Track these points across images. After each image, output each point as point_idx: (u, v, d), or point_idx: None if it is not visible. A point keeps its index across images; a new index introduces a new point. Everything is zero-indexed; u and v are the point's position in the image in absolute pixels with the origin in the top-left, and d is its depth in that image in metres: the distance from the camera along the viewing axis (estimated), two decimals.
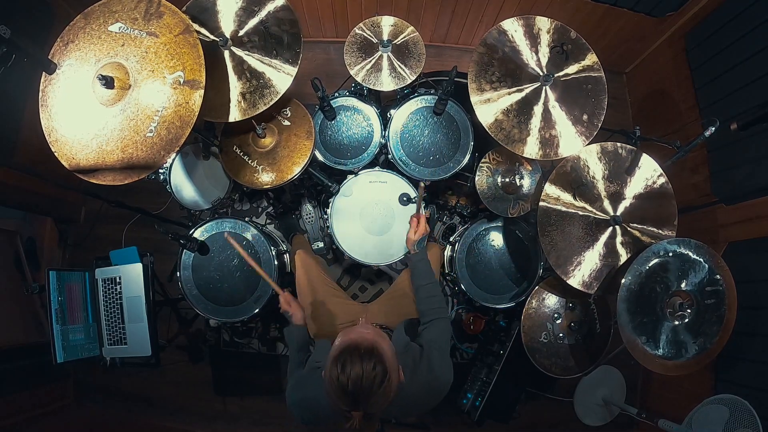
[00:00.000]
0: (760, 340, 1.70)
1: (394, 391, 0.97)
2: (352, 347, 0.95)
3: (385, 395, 0.93)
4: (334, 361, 0.94)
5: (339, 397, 0.92)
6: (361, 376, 0.90)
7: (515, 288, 1.90)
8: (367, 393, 0.90)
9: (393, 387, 0.95)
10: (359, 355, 0.92)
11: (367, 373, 0.90)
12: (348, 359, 0.92)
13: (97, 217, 2.51)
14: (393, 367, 0.96)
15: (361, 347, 0.94)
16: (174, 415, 2.40)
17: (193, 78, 1.20)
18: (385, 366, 0.93)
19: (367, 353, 0.93)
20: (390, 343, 1.01)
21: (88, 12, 1.29)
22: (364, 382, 0.90)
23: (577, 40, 1.56)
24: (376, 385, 0.91)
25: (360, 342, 0.96)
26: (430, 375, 1.17)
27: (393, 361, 0.97)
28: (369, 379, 0.90)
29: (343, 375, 0.90)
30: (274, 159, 1.70)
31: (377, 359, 0.93)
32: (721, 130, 1.33)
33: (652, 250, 1.41)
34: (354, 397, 0.90)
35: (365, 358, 0.92)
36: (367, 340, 0.96)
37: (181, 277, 1.76)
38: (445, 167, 1.83)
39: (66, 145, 1.25)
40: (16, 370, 2.11)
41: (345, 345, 0.96)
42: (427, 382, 1.16)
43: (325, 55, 2.64)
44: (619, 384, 2.21)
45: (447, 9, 2.33)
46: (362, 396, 0.90)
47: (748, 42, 1.79)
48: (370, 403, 0.92)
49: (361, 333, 1.00)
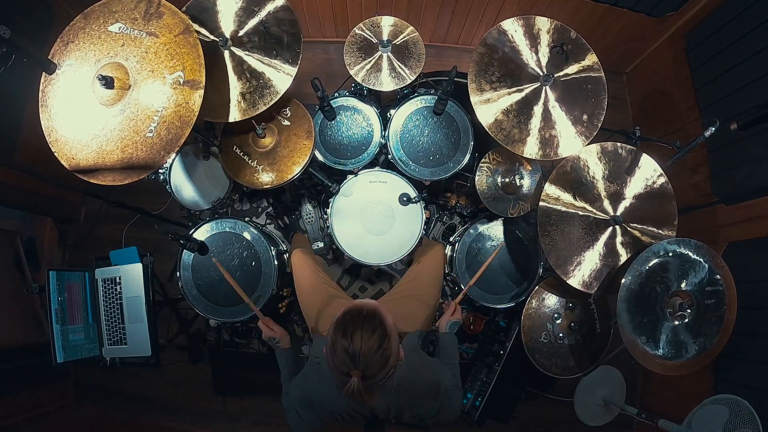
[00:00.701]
0: (760, 340, 1.70)
1: (394, 357, 0.99)
2: (353, 311, 1.00)
3: (383, 357, 0.95)
4: (337, 326, 0.97)
5: (341, 358, 0.94)
6: (362, 336, 0.93)
7: (515, 288, 1.90)
8: (367, 353, 0.93)
9: (393, 351, 0.98)
10: (361, 317, 0.97)
11: (367, 334, 0.94)
12: (350, 322, 0.97)
13: (97, 217, 2.51)
14: (393, 331, 1.00)
15: (363, 310, 0.99)
16: (174, 415, 2.40)
17: (193, 78, 1.20)
18: (386, 329, 0.97)
19: (369, 316, 0.98)
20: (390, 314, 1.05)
21: (88, 12, 1.29)
22: (364, 343, 0.93)
23: (577, 40, 1.56)
24: (376, 346, 0.94)
25: (360, 306, 1.01)
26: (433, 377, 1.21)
27: (393, 326, 1.01)
28: (369, 340, 0.94)
29: (345, 338, 0.94)
30: (274, 159, 1.70)
31: (378, 322, 0.97)
32: (721, 130, 1.33)
33: (652, 250, 1.41)
34: (353, 357, 0.93)
35: (367, 320, 0.97)
36: (368, 305, 1.02)
37: (181, 277, 1.76)
38: (445, 167, 1.83)
39: (66, 145, 1.25)
40: (16, 370, 2.11)
41: (347, 310, 1.01)
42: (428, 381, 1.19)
43: (325, 55, 2.64)
44: (619, 384, 2.20)
45: (447, 9, 2.33)
46: (362, 356, 0.93)
47: (748, 42, 1.79)
48: (370, 363, 0.94)
49: (363, 301, 1.05)
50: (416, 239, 1.79)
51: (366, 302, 1.04)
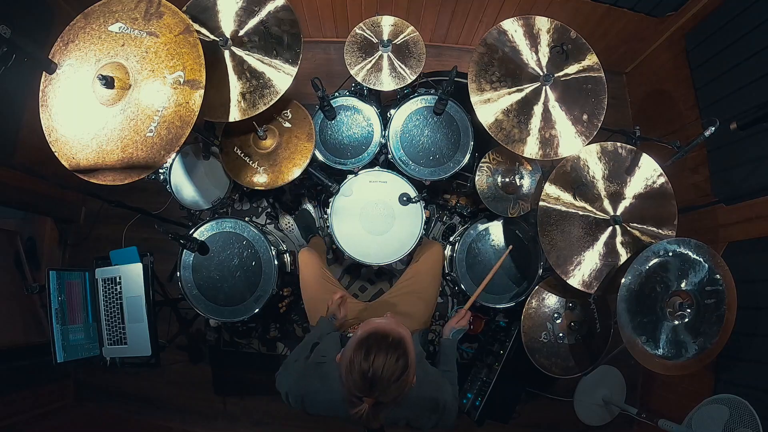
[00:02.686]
0: (760, 340, 1.70)
1: (407, 389, 0.97)
2: (380, 335, 0.96)
3: (399, 389, 0.94)
4: (359, 345, 0.94)
5: (355, 381, 0.92)
6: (384, 365, 0.90)
7: (515, 288, 1.90)
8: (386, 382, 0.91)
9: (408, 384, 0.96)
10: (387, 343, 0.93)
11: (390, 363, 0.91)
12: (374, 345, 0.93)
13: (97, 217, 2.51)
14: (413, 364, 0.97)
15: (390, 336, 0.95)
16: (174, 415, 2.40)
17: (193, 78, 1.20)
18: (408, 361, 0.94)
19: (394, 344, 0.94)
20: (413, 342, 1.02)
21: (88, 12, 1.29)
22: (385, 372, 0.90)
23: (577, 40, 1.56)
24: (395, 377, 0.91)
25: (389, 331, 0.97)
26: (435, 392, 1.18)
27: (414, 360, 0.98)
28: (390, 369, 0.91)
29: (366, 361, 0.91)
30: (274, 160, 1.71)
31: (402, 352, 0.94)
32: (721, 130, 1.33)
33: (652, 249, 1.41)
34: (371, 383, 0.91)
35: (391, 348, 0.93)
36: (396, 332, 0.97)
37: (181, 277, 1.76)
38: (445, 167, 1.83)
39: (66, 145, 1.25)
40: (16, 370, 2.11)
41: (373, 331, 0.97)
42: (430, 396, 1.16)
43: (325, 55, 2.64)
44: (619, 384, 2.21)
45: (447, 9, 2.33)
46: (379, 384, 0.91)
47: (748, 42, 1.79)
48: (386, 392, 0.92)
49: (390, 323, 1.01)
50: (416, 239, 1.79)
51: (393, 327, 0.99)
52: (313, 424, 2.34)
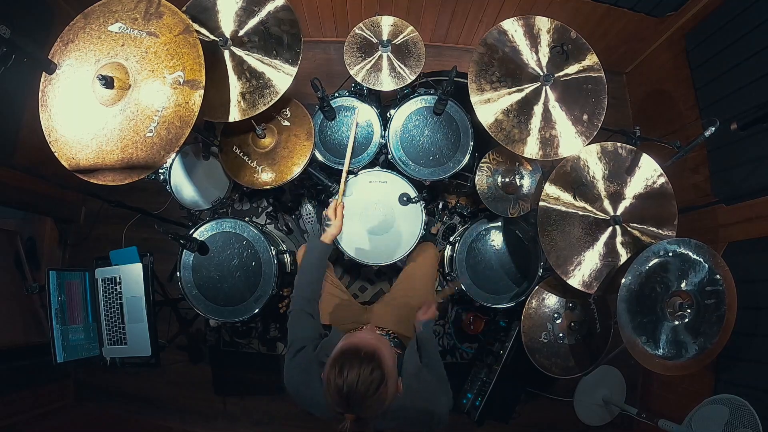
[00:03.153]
0: (760, 340, 1.70)
1: (390, 399, 0.96)
2: (352, 350, 0.94)
3: (379, 401, 0.92)
4: (333, 363, 0.93)
5: (334, 399, 0.92)
6: (357, 380, 0.89)
7: (515, 288, 1.90)
8: (362, 397, 0.90)
9: (389, 394, 0.95)
10: (359, 358, 0.92)
11: (364, 377, 0.89)
12: (347, 362, 0.92)
13: (97, 217, 2.51)
14: (391, 373, 0.95)
15: (362, 351, 0.94)
16: (174, 415, 2.40)
17: (193, 78, 1.20)
18: (383, 372, 0.92)
19: (367, 357, 0.92)
20: (391, 350, 1.00)
21: (88, 12, 1.29)
22: (360, 386, 0.89)
23: (577, 40, 1.56)
24: (371, 390, 0.90)
25: (360, 346, 0.95)
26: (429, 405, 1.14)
27: (392, 369, 0.96)
28: (365, 383, 0.89)
29: (339, 377, 0.90)
30: (273, 159, 1.71)
31: (376, 364, 0.92)
32: (721, 130, 1.33)
33: (652, 250, 1.41)
34: (348, 400, 0.90)
35: (364, 361, 0.91)
36: (368, 344, 0.96)
37: (181, 277, 1.76)
38: (445, 167, 1.83)
39: (66, 145, 1.25)
40: (16, 370, 2.12)
41: (346, 347, 0.96)
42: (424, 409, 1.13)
43: (325, 55, 2.64)
44: (619, 384, 2.21)
45: (447, 9, 2.33)
46: (356, 400, 0.90)
47: (748, 42, 1.79)
48: (364, 407, 0.91)
49: (363, 337, 0.99)
50: (416, 239, 1.79)
51: (366, 340, 0.98)
52: (313, 424, 2.34)
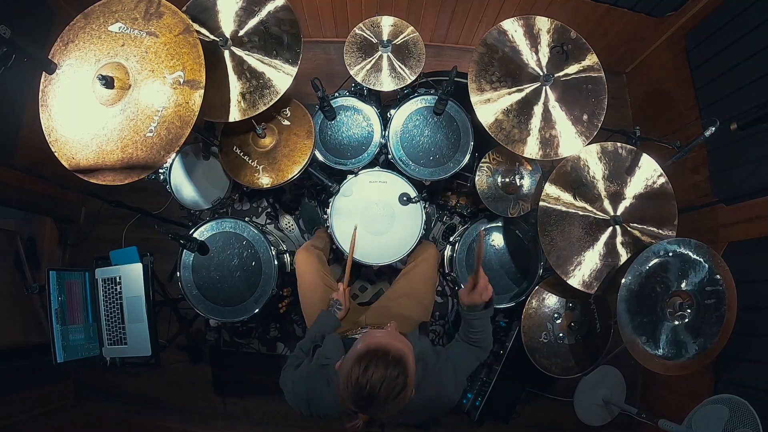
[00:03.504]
0: (760, 340, 1.70)
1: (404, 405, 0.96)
2: (381, 351, 0.93)
3: (396, 406, 0.92)
4: (359, 360, 0.92)
5: (351, 396, 0.91)
6: (382, 382, 0.88)
7: (515, 288, 1.90)
8: (383, 401, 0.89)
9: (405, 400, 0.94)
10: (386, 361, 0.91)
11: (389, 381, 0.89)
12: (373, 362, 0.90)
13: (97, 217, 2.51)
14: (412, 381, 0.95)
15: (390, 354, 0.92)
16: (174, 415, 2.40)
17: (193, 78, 1.20)
18: (407, 379, 0.92)
19: (394, 361, 0.91)
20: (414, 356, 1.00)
21: (88, 12, 1.29)
22: (383, 389, 0.88)
23: (577, 40, 1.56)
24: (393, 395, 0.90)
25: (390, 349, 0.94)
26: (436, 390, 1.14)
27: (413, 376, 0.96)
28: (389, 387, 0.89)
29: (364, 376, 0.89)
30: (274, 159, 1.71)
31: (401, 370, 0.91)
32: (721, 130, 1.34)
33: (652, 250, 1.41)
34: (368, 400, 0.89)
35: (391, 365, 0.90)
36: (397, 349, 0.95)
37: (181, 277, 1.76)
38: (445, 167, 1.83)
39: (66, 145, 1.25)
40: (16, 370, 2.11)
41: (374, 347, 0.94)
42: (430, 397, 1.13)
43: (325, 55, 2.64)
44: (619, 384, 2.21)
45: (447, 9, 2.33)
46: (376, 402, 0.89)
47: (748, 42, 1.79)
48: (381, 409, 0.91)
49: (392, 341, 0.97)
50: (416, 239, 1.79)
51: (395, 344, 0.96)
52: (312, 424, 2.33)
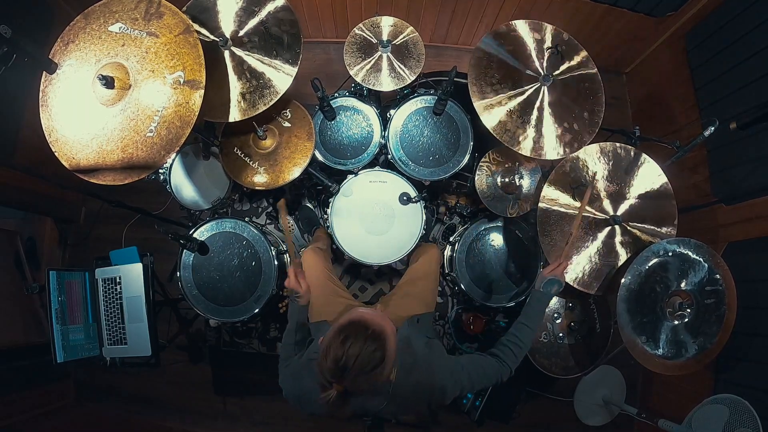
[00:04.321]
0: (760, 340, 1.70)
1: (381, 382, 0.96)
2: (361, 324, 0.94)
3: (370, 381, 0.92)
4: (339, 332, 0.93)
5: (328, 367, 0.91)
6: (358, 355, 0.89)
7: (515, 288, 1.90)
8: (357, 372, 0.90)
9: (382, 377, 0.95)
10: (364, 334, 0.92)
11: (366, 354, 0.90)
12: (352, 334, 0.92)
13: (97, 217, 2.51)
14: (390, 357, 0.96)
15: (370, 328, 0.94)
16: (174, 415, 2.40)
17: (193, 78, 1.20)
18: (384, 354, 0.93)
19: (373, 335, 0.92)
20: (396, 338, 1.00)
21: (89, 12, 1.29)
22: (358, 361, 0.89)
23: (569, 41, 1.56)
24: (368, 368, 0.90)
25: (370, 323, 0.95)
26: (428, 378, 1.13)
27: (393, 353, 0.96)
28: (364, 360, 0.89)
29: (341, 348, 0.90)
30: (274, 160, 1.71)
31: (380, 344, 0.92)
32: (720, 130, 1.34)
33: (651, 249, 1.41)
34: (342, 370, 0.90)
35: (369, 339, 0.91)
36: (378, 324, 0.96)
37: (181, 277, 1.76)
38: (445, 167, 1.83)
39: (66, 145, 1.25)
40: (16, 370, 2.11)
41: (355, 319, 0.96)
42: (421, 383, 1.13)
43: (325, 56, 2.64)
44: (619, 384, 2.21)
45: (447, 9, 2.33)
46: (350, 373, 0.90)
47: (748, 42, 1.79)
48: (355, 381, 0.91)
49: (374, 317, 0.98)
50: (416, 239, 1.79)
51: (376, 319, 0.97)
52: (312, 424, 2.34)
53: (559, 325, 1.77)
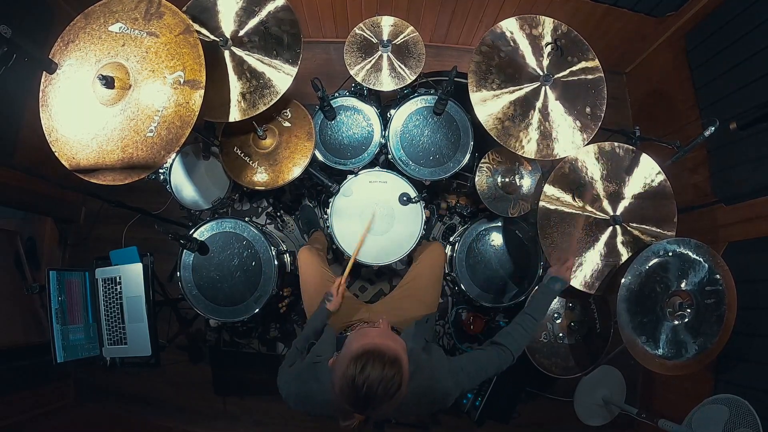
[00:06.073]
0: (760, 340, 1.70)
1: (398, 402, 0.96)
2: (377, 352, 0.93)
3: (390, 405, 0.93)
4: (355, 361, 0.92)
5: (348, 396, 0.91)
6: (380, 383, 0.89)
7: (515, 288, 1.90)
8: (379, 400, 0.90)
9: (400, 398, 0.95)
10: (383, 362, 0.91)
11: (386, 381, 0.89)
12: (370, 363, 0.91)
13: (97, 217, 2.51)
14: (406, 380, 0.96)
15: (386, 355, 0.93)
16: (174, 415, 2.40)
17: (193, 78, 1.20)
18: (402, 378, 0.93)
19: (390, 362, 0.92)
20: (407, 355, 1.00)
21: (89, 12, 1.29)
22: (380, 390, 0.89)
23: (570, 35, 1.56)
24: (389, 394, 0.90)
25: (385, 350, 0.94)
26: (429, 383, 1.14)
27: (407, 375, 0.96)
28: (385, 388, 0.89)
29: (360, 376, 0.89)
30: (275, 160, 1.71)
31: (397, 370, 0.92)
32: (721, 130, 1.33)
33: (652, 249, 1.41)
34: (365, 400, 0.90)
35: (387, 365, 0.91)
36: (392, 349, 0.95)
37: (181, 277, 1.76)
38: (445, 167, 1.83)
39: (66, 144, 1.25)
40: (16, 370, 2.11)
41: (370, 347, 0.94)
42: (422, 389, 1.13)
43: (325, 55, 2.64)
44: (619, 384, 2.20)
45: (447, 9, 2.33)
46: (372, 401, 0.90)
47: (748, 42, 1.79)
48: (378, 408, 0.91)
49: (386, 341, 0.98)
50: (416, 239, 1.79)
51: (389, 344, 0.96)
52: (312, 424, 2.34)
53: (559, 325, 1.77)
